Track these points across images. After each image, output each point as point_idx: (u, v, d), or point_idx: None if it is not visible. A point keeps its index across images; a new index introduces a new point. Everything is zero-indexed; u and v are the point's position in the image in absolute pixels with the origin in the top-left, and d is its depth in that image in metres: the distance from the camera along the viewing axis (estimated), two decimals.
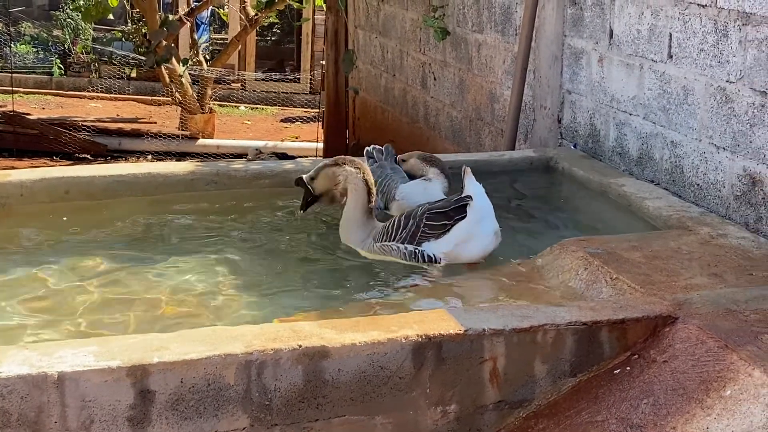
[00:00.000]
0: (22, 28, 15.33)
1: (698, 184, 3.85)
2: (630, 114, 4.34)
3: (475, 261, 3.47)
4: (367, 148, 4.29)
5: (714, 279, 2.97)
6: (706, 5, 3.73)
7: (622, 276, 2.96)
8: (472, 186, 3.47)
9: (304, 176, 3.68)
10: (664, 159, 4.09)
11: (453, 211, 3.43)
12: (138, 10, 12.49)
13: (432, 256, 3.43)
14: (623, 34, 4.35)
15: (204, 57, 12.02)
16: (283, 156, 7.93)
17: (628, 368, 2.57)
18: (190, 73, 11.00)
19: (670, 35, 3.99)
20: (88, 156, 10.29)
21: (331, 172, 3.62)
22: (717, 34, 3.68)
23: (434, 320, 2.57)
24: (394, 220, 3.51)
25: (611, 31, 4.45)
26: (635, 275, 2.97)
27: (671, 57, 3.99)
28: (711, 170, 3.77)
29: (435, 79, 6.74)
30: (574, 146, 4.84)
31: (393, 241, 3.46)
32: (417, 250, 3.43)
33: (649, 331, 2.66)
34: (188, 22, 11.15)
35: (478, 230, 3.45)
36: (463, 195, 3.45)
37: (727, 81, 3.64)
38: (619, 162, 4.44)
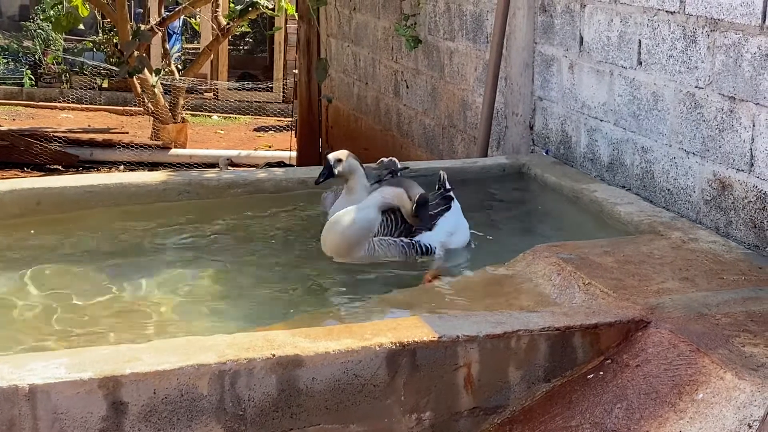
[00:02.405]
0: None
1: (669, 189, 3.88)
2: (601, 120, 4.37)
3: (462, 247, 3.71)
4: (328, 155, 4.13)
5: (685, 283, 2.99)
6: (674, 12, 3.77)
7: (594, 281, 2.98)
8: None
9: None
10: (634, 164, 4.12)
11: (440, 201, 3.70)
12: (109, 20, 12.43)
13: (428, 246, 3.60)
14: (593, 41, 4.38)
15: (176, 67, 11.98)
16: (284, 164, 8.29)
17: (602, 373, 2.58)
18: (162, 83, 10.95)
19: (640, 42, 4.02)
20: (60, 167, 10.21)
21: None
22: (686, 41, 3.72)
23: (408, 327, 2.57)
24: (385, 218, 3.60)
25: (581, 38, 4.48)
26: (607, 280, 2.98)
27: (641, 63, 4.03)
28: (681, 175, 3.80)
29: (407, 87, 6.75)
30: (546, 153, 4.86)
31: (390, 236, 3.57)
32: (414, 242, 3.57)
33: (622, 336, 2.67)
34: (160, 32, 11.10)
35: (461, 219, 3.74)
36: (446, 188, 3.77)
37: (696, 87, 3.67)
38: (590, 168, 4.47)
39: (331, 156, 3.95)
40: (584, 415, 2.45)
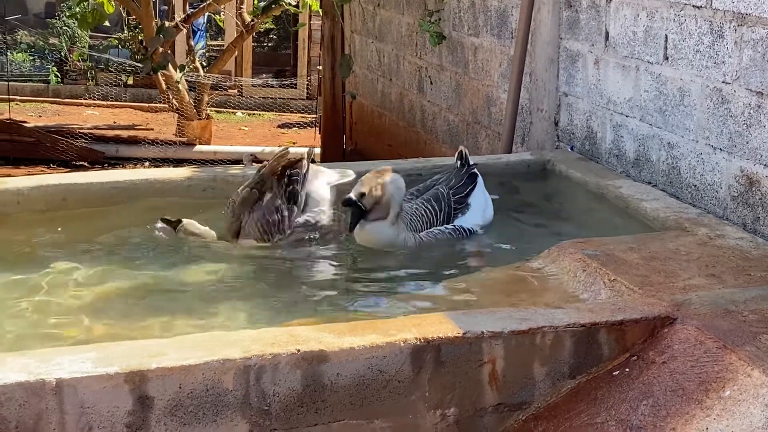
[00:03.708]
0: (18, 37, 15.33)
1: (695, 185, 3.85)
2: (626, 116, 4.34)
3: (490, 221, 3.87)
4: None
5: (712, 280, 2.97)
6: (701, 6, 3.74)
7: (620, 277, 2.96)
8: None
9: (352, 195, 3.50)
10: (660, 160, 4.10)
11: (467, 181, 3.82)
12: (134, 17, 12.49)
13: (471, 229, 3.75)
14: (619, 36, 4.35)
15: (200, 63, 12.01)
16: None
17: (627, 370, 2.57)
18: (186, 80, 11.00)
19: (666, 37, 3.99)
20: (86, 163, 10.28)
21: (378, 187, 3.50)
22: (712, 35, 3.69)
23: (432, 323, 2.56)
24: (423, 209, 3.68)
25: (607, 34, 4.45)
26: (633, 277, 2.97)
27: (667, 58, 4.00)
28: (708, 171, 3.77)
29: (431, 83, 6.74)
30: (571, 149, 4.84)
31: (434, 226, 3.68)
32: (458, 227, 3.71)
33: (648, 333, 2.66)
34: (184, 29, 11.14)
35: (486, 194, 3.88)
36: (470, 165, 3.88)
37: (723, 82, 3.64)
38: (616, 164, 4.45)
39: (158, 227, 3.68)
40: (609, 411, 2.43)
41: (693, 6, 3.79)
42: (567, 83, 4.87)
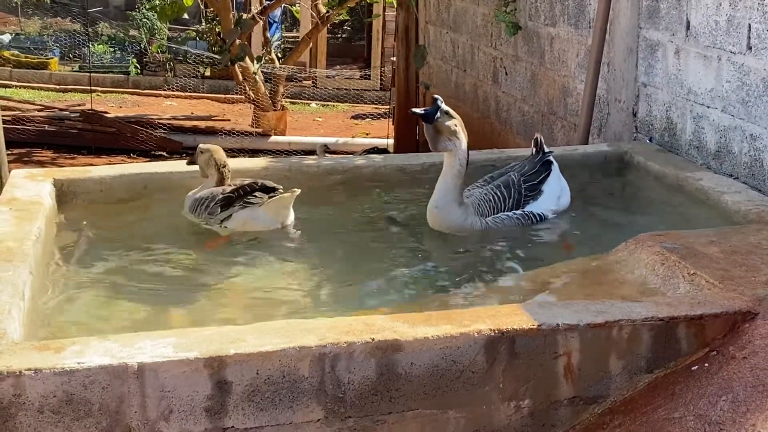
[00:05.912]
0: (100, 29, 15.70)
1: None
2: (708, 107, 4.25)
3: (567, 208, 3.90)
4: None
5: None
6: None
7: (699, 271, 2.91)
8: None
9: (441, 104, 3.80)
10: (743, 152, 4.00)
11: (541, 168, 3.84)
12: (212, 9, 12.67)
13: (541, 214, 3.78)
14: (700, 25, 4.26)
15: (276, 55, 12.13)
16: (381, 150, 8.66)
17: (706, 365, 2.53)
18: (262, 71, 11.12)
19: (749, 26, 3.90)
20: (164, 153, 10.47)
21: (453, 126, 3.73)
22: None
23: (507, 315, 2.55)
24: (491, 194, 3.75)
25: (688, 23, 4.36)
26: (713, 270, 2.91)
27: (750, 48, 3.90)
28: None
29: (506, 73, 6.70)
30: (650, 140, 4.76)
31: (502, 212, 3.73)
32: (527, 213, 3.75)
33: (728, 327, 2.61)
34: (261, 21, 11.26)
35: (562, 181, 3.90)
36: (545, 152, 3.90)
37: None
38: (696, 156, 4.36)
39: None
40: (688, 406, 2.40)
41: None
42: (646, 73, 4.79)
